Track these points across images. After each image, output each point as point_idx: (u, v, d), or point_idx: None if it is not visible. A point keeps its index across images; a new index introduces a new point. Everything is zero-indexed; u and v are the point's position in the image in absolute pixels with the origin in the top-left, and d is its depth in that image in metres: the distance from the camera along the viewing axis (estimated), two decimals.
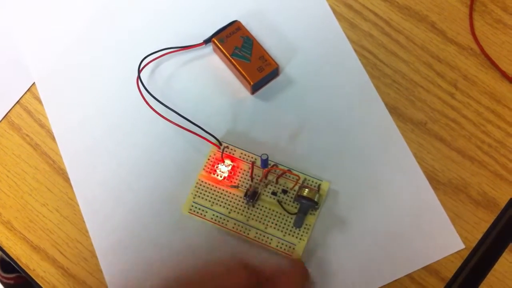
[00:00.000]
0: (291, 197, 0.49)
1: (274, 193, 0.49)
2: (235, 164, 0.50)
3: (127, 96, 0.54)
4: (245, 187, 0.50)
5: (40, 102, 0.55)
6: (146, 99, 0.51)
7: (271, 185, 0.50)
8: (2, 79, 0.56)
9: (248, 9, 0.57)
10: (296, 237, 0.48)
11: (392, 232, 0.49)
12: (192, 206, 0.49)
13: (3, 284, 0.87)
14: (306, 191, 0.48)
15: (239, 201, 0.49)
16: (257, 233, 0.48)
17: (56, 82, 0.56)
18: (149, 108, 0.51)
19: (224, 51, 0.53)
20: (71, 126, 0.54)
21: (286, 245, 0.48)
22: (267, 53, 0.53)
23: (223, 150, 0.50)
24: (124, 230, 0.50)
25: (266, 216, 0.49)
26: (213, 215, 0.49)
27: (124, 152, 0.53)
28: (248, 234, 0.48)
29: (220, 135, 0.51)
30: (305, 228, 0.48)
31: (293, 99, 0.54)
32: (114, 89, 0.55)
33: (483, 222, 0.49)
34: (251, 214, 0.49)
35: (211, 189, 0.50)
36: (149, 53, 0.54)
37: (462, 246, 0.48)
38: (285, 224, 0.48)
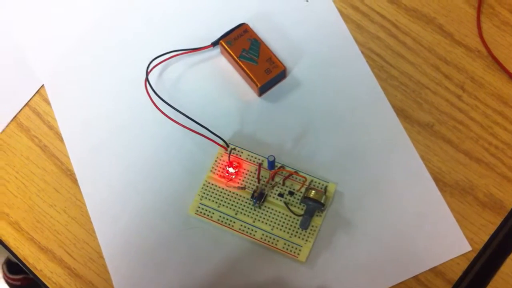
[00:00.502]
0: (298, 199, 0.49)
1: (280, 195, 0.49)
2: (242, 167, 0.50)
3: (135, 98, 0.54)
4: (252, 188, 0.50)
5: (49, 104, 0.55)
6: (154, 101, 0.51)
7: (278, 187, 0.50)
8: (11, 81, 0.57)
9: (255, 11, 0.57)
10: (302, 239, 0.48)
11: (398, 234, 0.49)
12: (199, 207, 0.50)
13: (10, 285, 0.88)
14: (312, 193, 0.48)
15: (246, 202, 0.49)
16: (263, 234, 0.49)
17: (65, 84, 0.56)
18: (157, 110, 0.51)
19: (232, 53, 0.53)
20: (79, 128, 0.54)
21: (292, 247, 0.48)
22: (274, 55, 0.53)
23: (230, 151, 0.50)
24: (131, 231, 0.50)
25: (273, 218, 0.49)
26: (220, 216, 0.49)
27: (132, 153, 0.53)
28: (254, 235, 0.49)
29: (227, 137, 0.52)
30: (311, 229, 0.48)
31: (300, 101, 0.54)
32: (122, 91, 0.55)
33: (489, 224, 0.49)
34: (257, 215, 0.49)
35: (218, 190, 0.50)
36: (157, 55, 0.54)
37: (468, 248, 0.48)
38: (291, 225, 0.49)
